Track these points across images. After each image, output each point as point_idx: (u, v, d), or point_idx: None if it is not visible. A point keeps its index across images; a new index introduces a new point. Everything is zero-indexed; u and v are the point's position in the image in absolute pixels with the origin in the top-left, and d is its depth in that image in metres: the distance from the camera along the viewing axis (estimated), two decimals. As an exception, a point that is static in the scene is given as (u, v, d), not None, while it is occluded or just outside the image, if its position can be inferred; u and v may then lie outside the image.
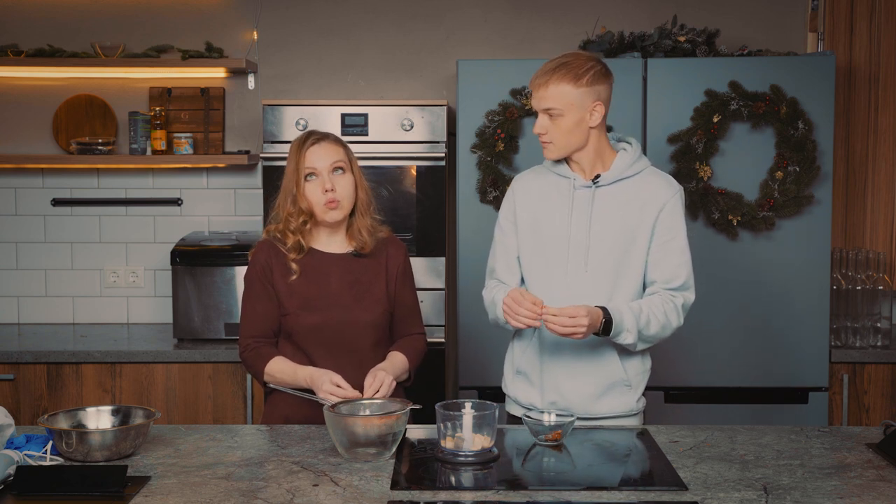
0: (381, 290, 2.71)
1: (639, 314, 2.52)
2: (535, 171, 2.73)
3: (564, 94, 2.52)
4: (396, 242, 2.79)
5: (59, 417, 2.33)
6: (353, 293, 2.67)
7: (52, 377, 3.70)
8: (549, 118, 2.55)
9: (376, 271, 2.71)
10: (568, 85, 2.51)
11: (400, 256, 2.76)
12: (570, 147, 2.58)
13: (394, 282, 2.73)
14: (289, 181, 2.65)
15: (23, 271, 4.29)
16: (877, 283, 3.75)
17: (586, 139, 2.58)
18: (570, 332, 2.42)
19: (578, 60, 2.54)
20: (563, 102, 2.52)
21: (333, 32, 4.25)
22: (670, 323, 2.57)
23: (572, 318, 2.41)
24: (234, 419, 3.71)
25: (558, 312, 2.42)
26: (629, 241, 2.58)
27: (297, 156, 2.64)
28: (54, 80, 4.22)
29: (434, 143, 3.84)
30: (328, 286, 2.66)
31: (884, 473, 2.17)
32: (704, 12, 4.17)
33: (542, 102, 2.54)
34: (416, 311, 2.79)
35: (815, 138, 3.56)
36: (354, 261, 2.71)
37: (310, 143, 2.65)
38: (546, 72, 2.54)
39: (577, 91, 2.52)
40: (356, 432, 2.22)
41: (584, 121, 2.55)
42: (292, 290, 2.65)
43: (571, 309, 2.43)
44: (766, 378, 3.66)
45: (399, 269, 2.74)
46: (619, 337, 2.52)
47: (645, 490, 2.07)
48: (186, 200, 4.27)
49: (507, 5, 4.24)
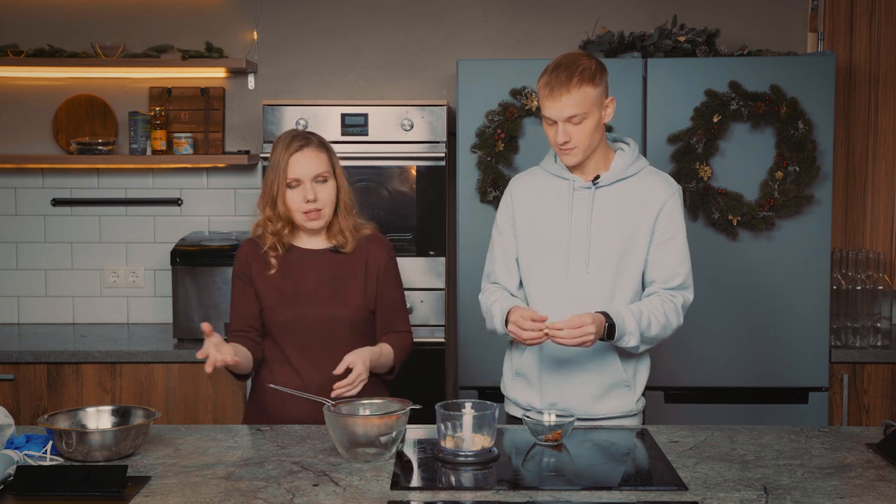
0: (359, 287, 2.69)
1: (640, 316, 2.51)
2: (532, 173, 2.71)
3: (587, 96, 2.49)
4: (380, 240, 2.77)
5: (59, 417, 2.33)
6: (330, 289, 2.67)
7: (52, 377, 3.70)
8: (572, 124, 2.51)
9: (355, 268, 2.70)
10: (589, 87, 2.49)
11: (383, 254, 2.73)
12: (592, 148, 2.56)
13: (374, 279, 2.71)
14: (271, 184, 2.64)
15: (23, 271, 4.29)
16: (877, 283, 3.75)
17: (601, 137, 2.58)
18: (579, 342, 2.41)
19: (583, 59, 2.52)
20: (586, 106, 2.50)
21: (333, 32, 4.26)
22: (671, 323, 2.57)
23: (579, 328, 2.40)
24: (234, 419, 3.71)
25: (563, 325, 2.41)
26: (629, 240, 2.58)
27: (280, 161, 2.62)
28: (54, 80, 4.22)
29: (434, 143, 3.84)
30: (304, 282, 2.67)
31: (884, 473, 2.17)
32: (704, 12, 4.17)
33: (566, 110, 2.49)
34: (401, 310, 2.77)
35: (815, 138, 3.56)
36: (333, 257, 2.70)
37: (294, 149, 2.62)
38: (563, 80, 2.48)
39: (596, 91, 2.51)
40: (356, 432, 2.22)
41: (602, 118, 2.55)
42: (269, 285, 2.67)
43: (575, 319, 2.41)
44: (766, 378, 3.66)
45: (381, 267, 2.72)
46: (622, 341, 2.51)
47: (645, 490, 2.07)
48: (186, 200, 4.27)
49: (507, 5, 4.24)
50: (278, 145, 2.65)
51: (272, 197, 2.64)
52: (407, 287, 3.63)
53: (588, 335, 2.40)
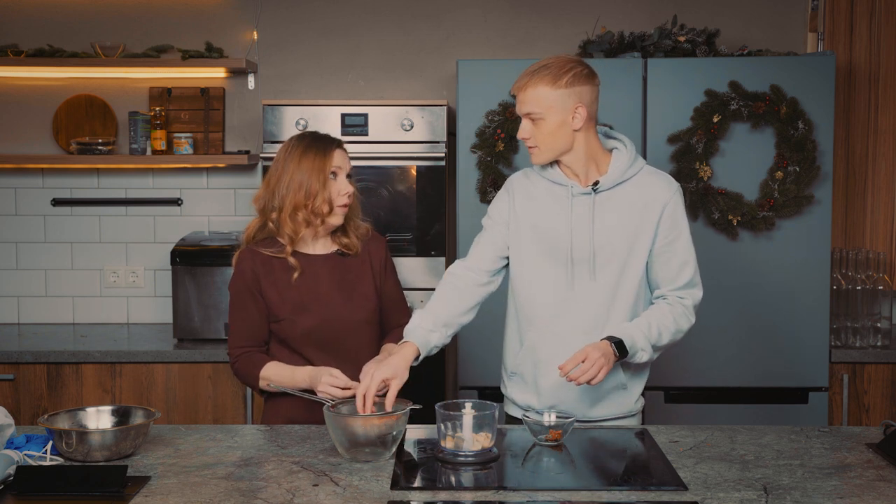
0: (369, 286, 2.72)
1: (648, 329, 2.49)
2: (529, 177, 2.66)
3: (543, 96, 2.47)
4: (376, 237, 2.81)
5: (59, 417, 2.33)
6: (343, 293, 2.68)
7: (52, 377, 3.70)
8: (532, 122, 2.51)
9: (362, 268, 2.73)
10: (546, 87, 2.47)
11: (381, 250, 2.78)
12: (556, 150, 2.53)
13: (379, 276, 2.75)
14: (308, 179, 2.61)
15: (23, 271, 4.29)
16: (877, 283, 3.75)
17: (571, 142, 2.52)
18: (597, 371, 2.37)
19: (558, 62, 2.50)
20: (542, 105, 2.47)
21: (333, 32, 4.26)
22: (681, 328, 2.56)
23: (584, 360, 2.37)
24: (234, 419, 3.71)
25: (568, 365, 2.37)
26: (631, 244, 2.55)
27: (322, 154, 2.63)
28: (54, 80, 4.22)
29: (434, 143, 3.84)
30: (318, 288, 2.67)
31: (884, 473, 2.17)
32: (704, 12, 4.17)
33: (523, 106, 2.50)
34: (402, 302, 2.81)
35: (815, 138, 3.56)
36: (340, 260, 2.72)
37: (334, 145, 2.66)
38: (524, 75, 2.50)
39: (556, 93, 2.47)
40: (356, 432, 2.22)
41: (567, 123, 2.49)
42: (284, 295, 2.65)
43: (577, 356, 2.38)
44: (766, 378, 3.66)
45: (381, 263, 2.77)
46: (636, 357, 2.49)
47: (645, 490, 2.07)
48: (186, 200, 4.27)
49: (507, 5, 4.24)
50: (306, 142, 2.65)
51: (310, 192, 2.61)
52: (407, 287, 3.63)
53: (598, 360, 2.37)
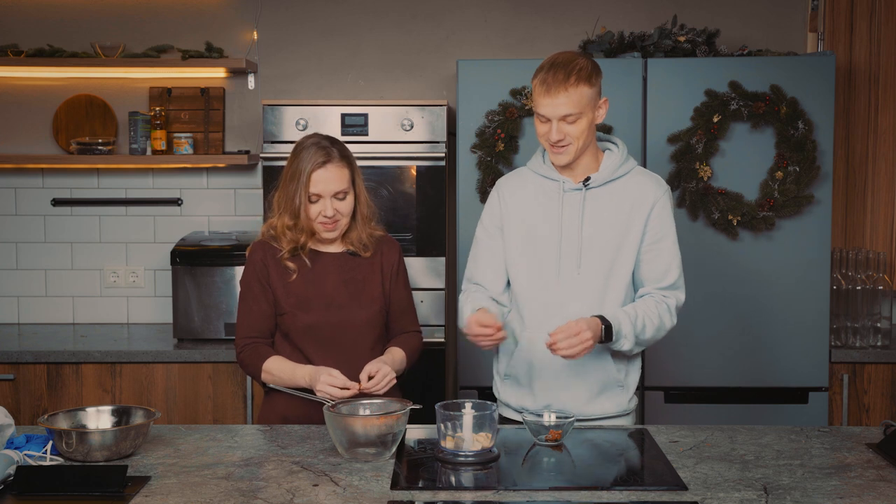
0: (377, 288, 2.72)
1: (635, 319, 2.51)
2: (520, 174, 2.70)
3: (584, 96, 2.49)
4: (390, 241, 2.80)
5: (59, 417, 2.33)
6: (349, 292, 2.68)
7: (52, 377, 3.70)
8: (567, 123, 2.51)
9: (371, 270, 2.73)
10: (585, 87, 2.49)
11: (394, 255, 2.77)
12: (584, 148, 2.56)
13: (389, 280, 2.75)
14: (292, 195, 2.62)
15: (23, 271, 4.29)
16: (877, 283, 3.75)
17: (593, 138, 2.59)
18: (579, 350, 2.40)
19: (580, 60, 2.52)
20: (582, 105, 2.49)
21: (333, 32, 4.25)
22: (664, 325, 2.58)
23: (576, 335, 2.39)
24: (234, 419, 3.71)
25: (561, 333, 2.38)
26: (620, 241, 2.58)
27: (302, 175, 2.60)
28: (54, 80, 4.22)
29: (434, 143, 3.84)
30: (324, 285, 2.67)
31: (884, 473, 2.17)
32: (704, 12, 4.17)
33: (562, 109, 2.49)
34: (411, 309, 2.80)
35: (815, 138, 3.56)
36: (350, 259, 2.72)
37: (317, 164, 2.60)
38: (561, 78, 2.48)
39: (592, 91, 2.51)
40: (356, 432, 2.22)
41: (594, 119, 2.55)
42: (289, 289, 2.66)
43: (573, 325, 2.40)
44: (766, 378, 3.66)
45: (393, 268, 2.76)
46: (618, 343, 2.51)
47: (645, 490, 2.07)
48: (186, 200, 4.27)
49: (507, 5, 4.24)
50: (301, 155, 2.63)
51: (294, 208, 2.63)
52: (407, 287, 3.63)
53: (586, 341, 2.40)
